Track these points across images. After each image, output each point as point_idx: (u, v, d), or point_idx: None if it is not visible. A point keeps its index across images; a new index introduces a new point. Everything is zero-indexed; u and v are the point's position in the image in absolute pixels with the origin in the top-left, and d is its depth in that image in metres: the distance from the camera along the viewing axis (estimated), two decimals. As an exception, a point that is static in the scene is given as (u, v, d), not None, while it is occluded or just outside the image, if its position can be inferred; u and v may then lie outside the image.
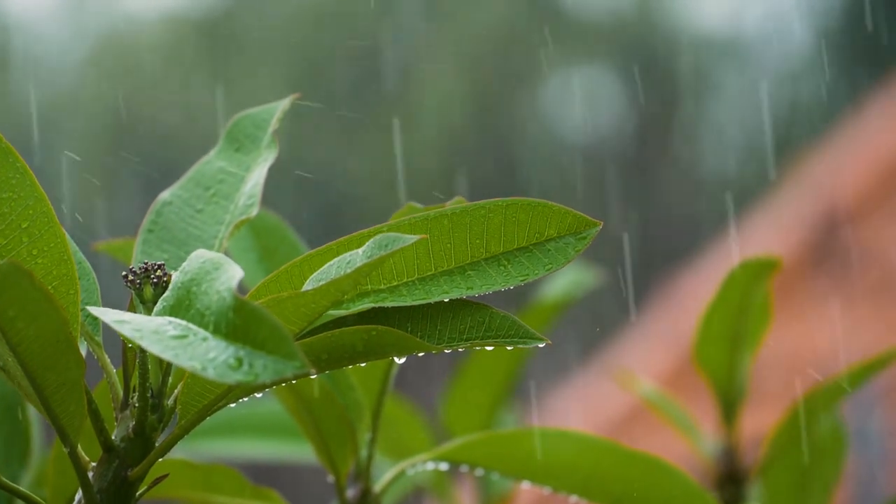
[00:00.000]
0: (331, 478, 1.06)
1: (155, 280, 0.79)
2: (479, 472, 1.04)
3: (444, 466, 1.03)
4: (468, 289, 0.79)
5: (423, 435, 1.60)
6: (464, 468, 1.03)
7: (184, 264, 0.75)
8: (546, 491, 1.04)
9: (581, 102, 6.66)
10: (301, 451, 1.48)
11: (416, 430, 1.60)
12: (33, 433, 1.13)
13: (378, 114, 6.29)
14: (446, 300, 0.80)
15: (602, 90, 6.74)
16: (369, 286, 0.80)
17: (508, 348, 0.78)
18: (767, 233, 3.47)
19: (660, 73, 6.42)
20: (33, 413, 1.12)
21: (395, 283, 0.80)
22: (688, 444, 1.52)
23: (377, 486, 1.08)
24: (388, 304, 0.79)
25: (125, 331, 0.69)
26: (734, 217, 3.90)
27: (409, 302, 0.79)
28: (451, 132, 6.35)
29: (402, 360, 0.81)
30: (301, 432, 1.06)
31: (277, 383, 0.68)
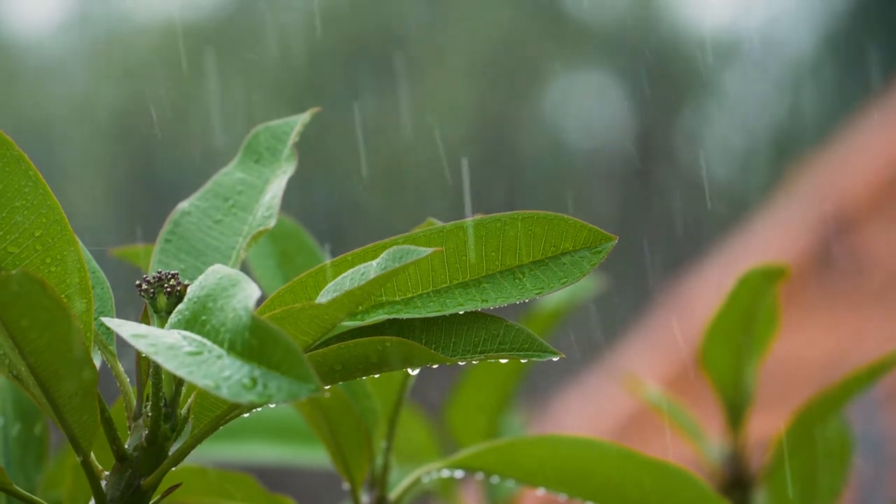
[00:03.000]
0: (346, 485, 1.06)
1: (168, 290, 0.79)
2: (495, 479, 1.04)
3: (459, 474, 1.04)
4: (483, 301, 0.79)
5: (429, 438, 1.60)
6: (479, 475, 1.04)
7: (200, 278, 0.75)
8: (562, 498, 1.04)
9: (584, 107, 6.67)
10: (312, 455, 1.47)
11: (421, 433, 1.60)
12: (49, 439, 1.14)
13: (381, 118, 6.29)
14: (461, 312, 0.80)
15: (605, 95, 6.74)
16: (384, 297, 0.80)
17: (522, 361, 0.78)
18: (771, 238, 3.47)
19: (663, 78, 6.42)
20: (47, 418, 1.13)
21: (409, 295, 0.80)
22: (694, 448, 1.52)
23: (392, 494, 1.08)
24: (403, 315, 0.79)
25: (141, 346, 0.69)
26: (738, 222, 3.90)
27: (423, 314, 0.79)
28: (455, 137, 6.35)
29: (416, 371, 0.81)
30: (315, 437, 1.06)
31: (290, 402, 0.68)
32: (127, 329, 0.72)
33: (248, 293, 0.70)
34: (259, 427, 1.46)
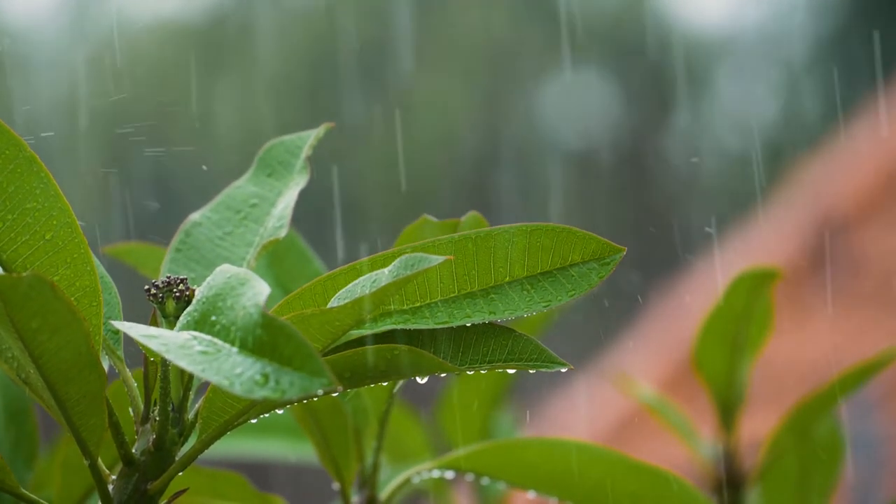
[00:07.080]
0: (336, 484, 1.07)
1: (177, 294, 0.80)
2: (486, 480, 1.04)
3: (449, 475, 1.04)
4: (491, 314, 0.79)
5: (421, 438, 1.60)
6: (469, 476, 1.04)
7: (208, 279, 0.75)
8: (553, 501, 1.04)
9: (577, 107, 6.67)
10: (298, 450, 1.47)
11: (413, 432, 1.60)
12: (39, 438, 1.14)
13: (376, 118, 6.29)
14: (468, 324, 0.80)
15: (598, 95, 6.74)
16: (392, 307, 0.80)
17: (532, 372, 0.79)
18: (765, 239, 3.48)
19: (656, 77, 6.42)
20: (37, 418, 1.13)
21: (417, 305, 0.80)
22: (686, 448, 1.53)
23: (383, 494, 1.08)
24: (411, 325, 0.79)
25: (153, 345, 0.69)
26: (732, 223, 3.90)
27: (431, 324, 0.79)
28: (448, 136, 6.34)
29: (424, 380, 0.81)
30: (301, 432, 1.05)
31: (304, 399, 0.68)
32: (137, 330, 0.72)
33: (258, 290, 0.71)
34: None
